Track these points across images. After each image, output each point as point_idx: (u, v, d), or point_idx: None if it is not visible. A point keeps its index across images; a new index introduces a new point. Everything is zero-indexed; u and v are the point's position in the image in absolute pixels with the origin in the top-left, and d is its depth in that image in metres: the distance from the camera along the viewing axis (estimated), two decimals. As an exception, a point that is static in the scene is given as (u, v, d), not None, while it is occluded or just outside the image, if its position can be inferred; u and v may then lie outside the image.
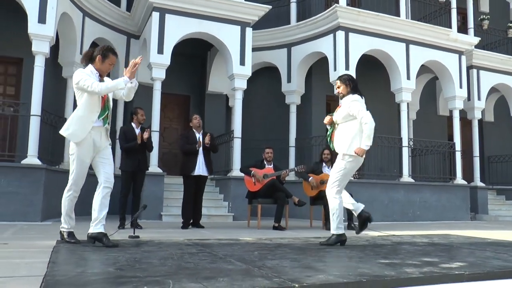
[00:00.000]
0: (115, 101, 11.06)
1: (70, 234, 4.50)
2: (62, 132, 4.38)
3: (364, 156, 4.79)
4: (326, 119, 5.15)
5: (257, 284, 2.55)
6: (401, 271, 3.13)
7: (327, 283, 2.66)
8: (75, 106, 9.36)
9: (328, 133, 5.17)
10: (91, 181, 9.85)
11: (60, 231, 4.60)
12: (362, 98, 4.99)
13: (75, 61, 9.45)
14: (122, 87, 4.33)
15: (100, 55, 4.39)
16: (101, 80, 4.41)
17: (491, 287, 2.94)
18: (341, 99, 5.03)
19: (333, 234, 4.88)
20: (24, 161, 7.88)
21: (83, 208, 9.47)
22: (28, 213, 7.65)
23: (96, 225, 4.35)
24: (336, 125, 5.04)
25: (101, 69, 4.42)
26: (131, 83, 4.35)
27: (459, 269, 3.23)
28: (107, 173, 4.51)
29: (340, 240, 4.86)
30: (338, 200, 4.86)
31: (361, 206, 4.94)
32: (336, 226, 4.84)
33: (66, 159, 9.33)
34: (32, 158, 7.91)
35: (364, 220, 4.89)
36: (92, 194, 4.71)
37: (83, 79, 4.21)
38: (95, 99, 4.31)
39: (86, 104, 4.29)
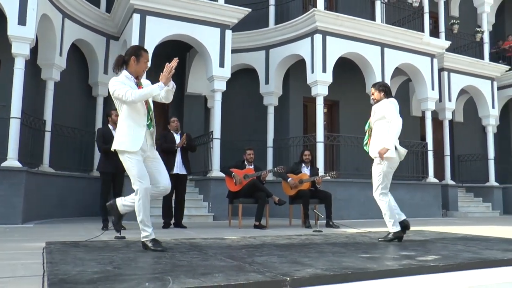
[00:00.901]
0: (93, 102, 11.09)
1: (154, 241, 4.14)
2: (117, 147, 4.18)
3: (395, 155, 5.12)
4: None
5: (251, 278, 2.73)
6: (382, 264, 3.38)
7: (316, 276, 2.87)
8: (54, 108, 9.47)
9: (365, 138, 5.43)
10: (89, 183, 9.83)
11: (143, 242, 4.16)
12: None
13: (55, 62, 9.45)
14: (157, 93, 4.13)
15: (133, 56, 4.24)
16: (138, 82, 4.29)
17: (463, 276, 3.20)
18: (375, 103, 5.33)
19: (389, 233, 5.14)
20: (4, 164, 7.85)
21: (79, 210, 9.56)
22: (9, 216, 7.62)
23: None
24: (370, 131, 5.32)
25: (137, 71, 4.25)
26: (168, 86, 4.14)
27: (434, 261, 3.50)
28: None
29: (397, 236, 5.10)
30: (385, 201, 5.16)
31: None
32: (392, 225, 5.12)
33: (46, 161, 9.33)
34: (12, 160, 7.88)
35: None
36: (89, 196, 4.70)
37: (118, 89, 4.08)
38: (138, 103, 4.18)
39: (132, 110, 4.17)
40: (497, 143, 15.60)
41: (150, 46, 9.51)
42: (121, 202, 4.31)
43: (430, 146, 12.45)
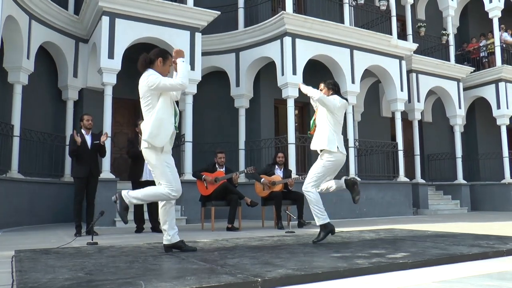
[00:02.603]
0: (63, 106, 10.91)
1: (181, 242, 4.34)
2: (148, 139, 4.09)
3: (343, 154, 5.19)
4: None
5: (223, 280, 2.76)
6: (352, 262, 3.44)
7: (287, 276, 2.91)
8: (23, 112, 9.27)
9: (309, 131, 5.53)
10: (59, 188, 9.62)
11: (166, 245, 4.33)
12: (346, 100, 5.47)
13: (22, 65, 9.23)
14: (189, 66, 4.29)
15: (161, 57, 4.26)
16: None
17: (430, 272, 3.30)
18: None
19: (320, 227, 5.12)
20: (-29, 170, 7.66)
21: (50, 216, 9.37)
22: (-25, 224, 7.44)
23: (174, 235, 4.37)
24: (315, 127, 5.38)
25: (162, 72, 4.24)
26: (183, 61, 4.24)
27: (403, 259, 3.60)
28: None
29: (328, 230, 5.09)
30: (314, 194, 5.18)
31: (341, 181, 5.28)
32: (319, 218, 5.12)
33: (14, 167, 9.12)
34: (-21, 166, 7.70)
35: (351, 184, 5.23)
36: (60, 202, 4.60)
37: (163, 80, 4.09)
38: (168, 102, 4.20)
39: (165, 107, 4.15)
40: (464, 142, 16.05)
41: (120, 49, 9.44)
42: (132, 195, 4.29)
43: (400, 146, 12.69)
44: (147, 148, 4.16)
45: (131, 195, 4.22)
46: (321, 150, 5.21)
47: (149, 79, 4.11)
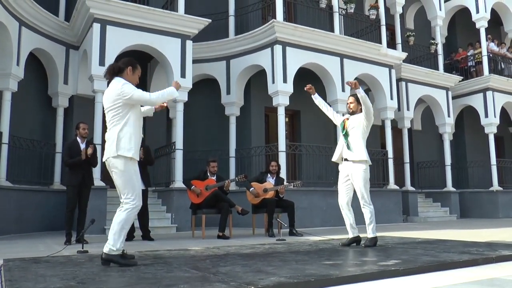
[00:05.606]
0: (53, 113, 10.84)
1: (123, 256, 4.05)
2: (124, 153, 3.97)
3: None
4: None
5: (216, 288, 2.76)
6: (344, 270, 3.46)
7: (280, 284, 2.91)
8: (12, 119, 9.16)
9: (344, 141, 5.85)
10: (48, 196, 9.54)
11: (108, 255, 3.90)
12: None
13: (12, 72, 9.16)
14: (177, 95, 4.33)
15: (130, 66, 4.22)
16: None
17: (422, 279, 3.32)
18: (350, 113, 5.81)
19: (373, 237, 5.51)
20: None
21: (39, 224, 9.26)
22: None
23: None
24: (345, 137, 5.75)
25: (131, 81, 4.20)
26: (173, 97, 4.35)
27: (395, 266, 3.62)
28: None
29: (376, 241, 5.49)
30: (372, 206, 5.66)
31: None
32: (372, 229, 5.53)
33: (2, 175, 9.02)
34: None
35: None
36: (49, 210, 4.57)
37: (137, 92, 4.05)
38: (139, 114, 4.16)
39: (136, 119, 4.10)
40: (453, 150, 16.22)
41: (111, 56, 9.41)
42: None
43: (390, 154, 12.77)
44: (115, 157, 4.01)
45: (112, 245, 3.88)
46: (354, 162, 5.57)
47: (124, 88, 4.03)
